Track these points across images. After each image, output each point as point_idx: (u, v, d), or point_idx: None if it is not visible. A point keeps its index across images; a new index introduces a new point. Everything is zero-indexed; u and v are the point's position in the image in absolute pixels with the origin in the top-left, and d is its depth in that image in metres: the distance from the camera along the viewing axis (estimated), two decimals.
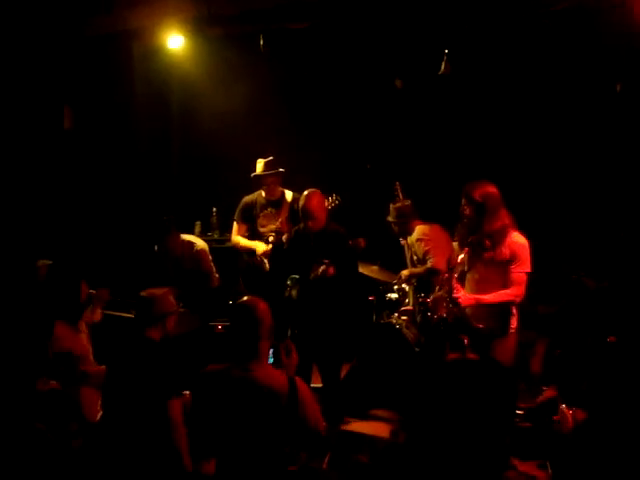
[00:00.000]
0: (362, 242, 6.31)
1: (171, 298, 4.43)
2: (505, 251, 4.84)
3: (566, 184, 6.98)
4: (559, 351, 5.85)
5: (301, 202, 5.73)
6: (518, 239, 4.88)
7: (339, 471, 4.39)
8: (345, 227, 5.96)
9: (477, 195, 4.85)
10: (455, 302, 4.87)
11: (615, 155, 6.87)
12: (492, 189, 4.89)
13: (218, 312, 6.58)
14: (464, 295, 4.87)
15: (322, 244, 5.71)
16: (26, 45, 6.54)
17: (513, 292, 4.85)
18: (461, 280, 5.09)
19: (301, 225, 5.83)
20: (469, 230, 4.95)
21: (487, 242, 4.84)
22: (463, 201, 4.94)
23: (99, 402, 4.47)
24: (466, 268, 4.98)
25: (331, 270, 5.61)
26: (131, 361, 4.17)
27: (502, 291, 4.86)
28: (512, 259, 4.83)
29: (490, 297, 4.87)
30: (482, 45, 6.93)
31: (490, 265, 4.89)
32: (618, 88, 6.81)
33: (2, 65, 6.43)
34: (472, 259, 4.97)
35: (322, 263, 5.60)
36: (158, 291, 4.41)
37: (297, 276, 5.79)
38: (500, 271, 4.86)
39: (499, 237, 4.84)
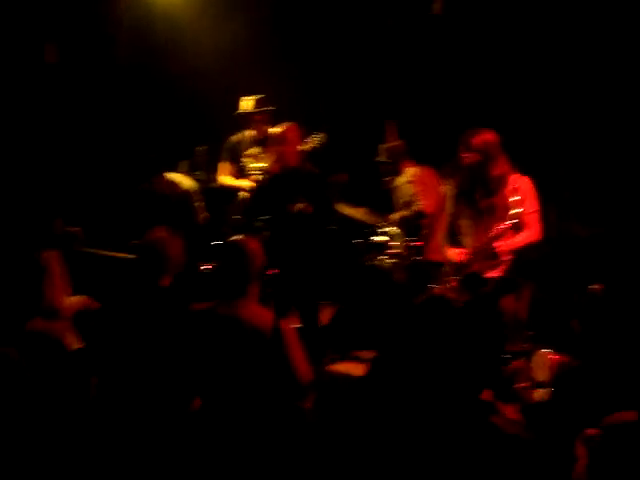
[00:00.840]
0: (344, 177, 6.24)
1: (176, 240, 4.25)
2: (508, 195, 4.75)
3: (561, 126, 6.90)
4: (544, 296, 5.86)
5: (276, 129, 5.82)
6: (520, 181, 4.81)
7: (323, 410, 4.41)
8: (333, 166, 5.92)
9: (477, 143, 4.78)
10: (495, 254, 4.77)
11: (611, 100, 6.77)
12: (492, 136, 4.82)
13: (205, 253, 6.55)
14: (500, 244, 4.76)
15: (296, 183, 5.68)
16: None
17: (533, 232, 4.80)
18: (451, 229, 5.06)
19: (279, 165, 5.80)
20: (470, 179, 4.88)
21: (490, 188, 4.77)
22: (462, 149, 4.86)
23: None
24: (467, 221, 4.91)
25: (308, 208, 5.59)
26: (154, 318, 3.96)
27: (525, 233, 4.79)
28: (518, 202, 4.72)
29: (519, 241, 4.79)
30: None
31: (491, 211, 4.83)
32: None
33: None
34: (469, 208, 4.93)
35: (297, 201, 5.57)
36: (161, 236, 4.19)
37: (267, 216, 5.73)
38: (501, 217, 4.77)
39: (500, 183, 4.78)
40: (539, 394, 3.94)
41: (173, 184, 6.20)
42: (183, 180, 6.39)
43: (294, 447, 3.65)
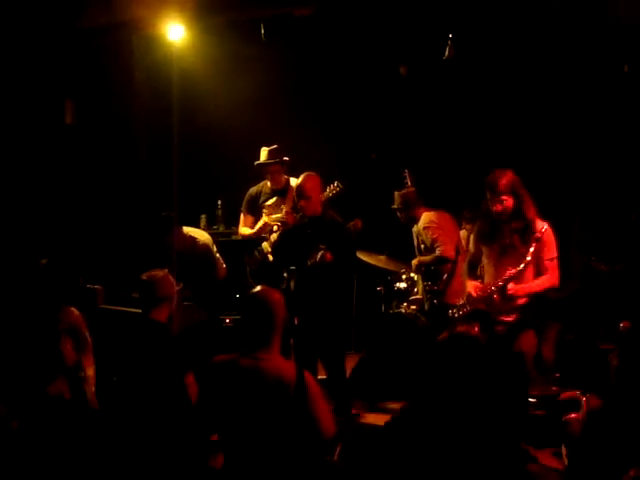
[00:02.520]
0: (359, 223, 6.23)
1: (171, 278, 4.49)
2: (530, 239, 4.73)
3: (576, 168, 6.89)
4: (571, 337, 5.77)
5: (297, 182, 5.77)
6: (543, 226, 4.79)
7: (350, 463, 4.32)
8: (351, 216, 5.90)
9: (507, 184, 4.73)
10: (508, 296, 4.74)
11: (624, 137, 6.77)
12: (515, 176, 4.79)
13: (226, 306, 6.54)
14: (515, 287, 4.74)
15: (319, 232, 5.66)
16: (24, 39, 6.48)
17: (552, 278, 4.79)
18: (472, 270, 5.02)
19: (304, 218, 5.79)
20: (493, 221, 4.84)
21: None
22: (490, 196, 4.79)
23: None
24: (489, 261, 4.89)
25: (328, 256, 5.55)
26: (140, 344, 4.18)
27: (543, 277, 4.79)
28: (540, 247, 4.73)
29: (536, 285, 4.78)
30: (487, 28, 6.83)
31: (512, 254, 4.80)
32: (626, 69, 6.71)
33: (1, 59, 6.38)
34: (490, 249, 4.90)
35: (319, 249, 5.55)
36: (159, 272, 4.45)
37: (293, 267, 5.74)
38: (519, 258, 4.76)
39: (529, 226, 4.75)
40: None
41: (192, 239, 6.22)
42: (200, 234, 6.41)
43: None
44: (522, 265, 4.69)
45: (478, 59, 7.13)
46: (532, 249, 4.68)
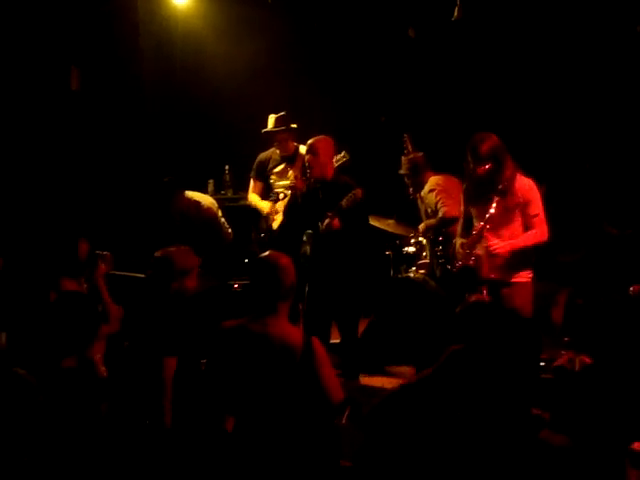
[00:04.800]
0: (359, 192, 6.20)
1: (191, 254, 4.39)
2: (516, 195, 4.78)
3: (588, 130, 6.81)
4: (580, 301, 5.76)
5: (309, 141, 5.77)
6: (525, 182, 4.84)
7: (359, 426, 4.35)
8: (358, 181, 5.86)
9: (487, 151, 4.75)
10: (493, 254, 4.78)
11: (637, 98, 6.68)
12: (497, 140, 4.81)
13: (235, 271, 6.54)
14: (498, 243, 4.79)
15: (331, 197, 5.63)
16: (28, 4, 6.41)
17: (539, 233, 4.81)
18: (466, 230, 5.04)
19: (311, 179, 5.76)
20: (480, 184, 4.85)
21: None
22: (470, 159, 4.84)
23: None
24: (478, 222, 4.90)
25: (336, 222, 5.54)
26: (141, 317, 4.19)
27: (529, 233, 4.82)
28: (524, 202, 4.79)
29: (521, 240, 4.81)
30: None
31: (503, 213, 4.82)
32: (639, 29, 6.60)
33: (6, 26, 6.32)
34: (479, 211, 4.92)
35: (326, 217, 5.54)
36: (175, 248, 4.37)
37: (311, 231, 5.73)
38: (510, 217, 4.82)
39: (510, 184, 4.78)
40: None
41: (196, 203, 6.21)
42: (204, 198, 6.39)
43: (329, 465, 3.59)
44: (486, 216, 4.76)
45: (487, 20, 7.03)
46: (494, 204, 4.73)
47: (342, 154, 6.02)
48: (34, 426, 3.13)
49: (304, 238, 5.81)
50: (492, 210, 4.77)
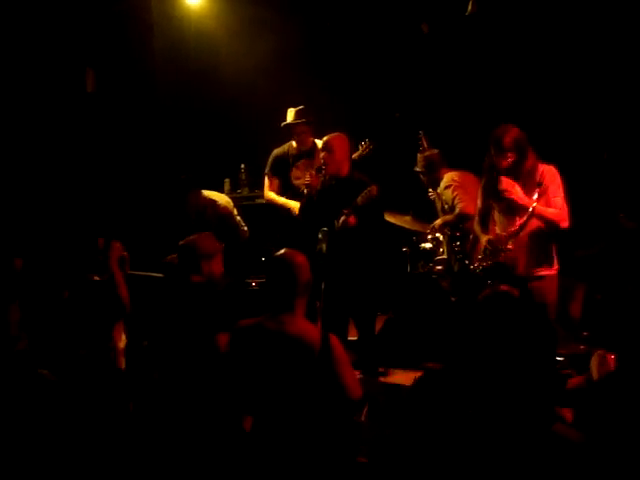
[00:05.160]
0: (374, 189, 6.19)
1: (213, 239, 4.49)
2: (536, 182, 4.77)
3: (605, 122, 6.76)
4: (599, 296, 5.72)
5: (324, 138, 5.78)
6: (547, 168, 4.83)
7: (377, 423, 4.35)
8: (374, 177, 5.86)
9: (510, 142, 4.75)
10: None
11: None
12: (519, 132, 4.80)
13: (252, 269, 6.55)
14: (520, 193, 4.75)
15: (346, 194, 5.64)
16: (45, 7, 6.46)
17: (559, 214, 4.78)
18: (484, 225, 5.03)
19: (326, 175, 5.77)
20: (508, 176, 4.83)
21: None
22: (493, 151, 4.82)
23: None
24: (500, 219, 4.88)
25: (351, 219, 5.55)
26: (178, 305, 4.20)
27: (553, 210, 4.78)
28: (545, 188, 4.75)
29: (545, 210, 4.76)
30: None
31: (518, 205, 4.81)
32: None
33: (23, 29, 6.38)
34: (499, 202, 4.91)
35: (342, 214, 5.54)
36: (196, 235, 4.47)
37: (326, 229, 5.74)
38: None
39: (530, 176, 4.79)
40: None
41: (212, 202, 6.22)
42: (220, 197, 6.41)
43: (348, 461, 3.60)
44: (530, 209, 4.72)
45: (501, 14, 6.99)
46: (535, 196, 4.71)
47: (367, 142, 6.02)
48: (56, 425, 3.17)
49: (319, 236, 5.82)
50: (534, 204, 4.71)
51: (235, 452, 3.66)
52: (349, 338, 5.81)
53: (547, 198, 4.78)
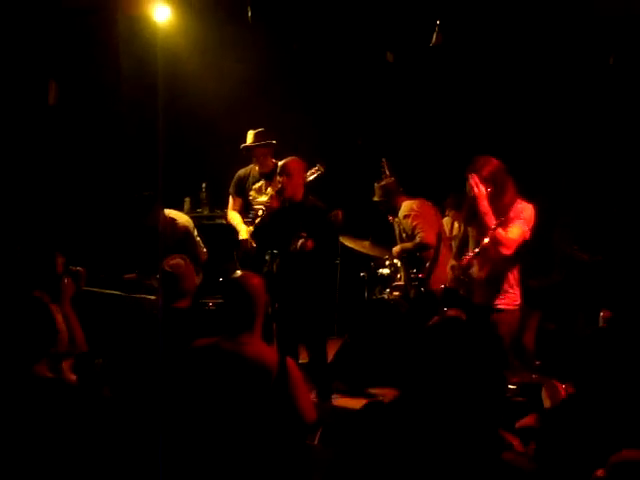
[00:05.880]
0: (340, 214, 6.24)
1: (192, 268, 4.56)
2: (510, 217, 4.74)
3: (559, 158, 6.91)
4: (552, 326, 5.81)
5: (280, 163, 5.84)
6: (523, 206, 4.78)
7: (330, 447, 4.35)
8: (336, 202, 5.91)
9: (487, 174, 4.72)
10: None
11: (609, 129, 6.80)
12: (498, 163, 4.78)
13: (209, 289, 6.52)
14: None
15: (301, 218, 5.71)
16: (7, 18, 6.40)
17: (508, 239, 4.68)
18: (460, 254, 5.05)
19: (280, 197, 5.81)
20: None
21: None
22: (471, 180, 4.76)
23: None
24: (472, 248, 4.91)
25: (309, 243, 5.60)
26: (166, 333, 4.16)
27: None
28: (507, 220, 4.71)
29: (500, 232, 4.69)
30: (474, 15, 6.82)
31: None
32: (611, 60, 6.72)
33: None
34: (477, 234, 4.90)
35: (300, 237, 5.58)
36: (181, 263, 4.48)
37: (276, 251, 5.76)
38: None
39: (507, 210, 4.74)
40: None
41: (172, 220, 6.19)
42: (180, 216, 6.38)
43: None
44: (480, 246, 4.73)
45: (465, 46, 7.12)
46: (487, 238, 4.68)
47: (317, 167, 6.08)
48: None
49: (267, 257, 5.85)
50: (486, 241, 4.71)
51: (187, 473, 3.62)
52: (300, 361, 5.81)
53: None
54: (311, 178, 6.02)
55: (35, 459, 3.16)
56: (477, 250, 4.78)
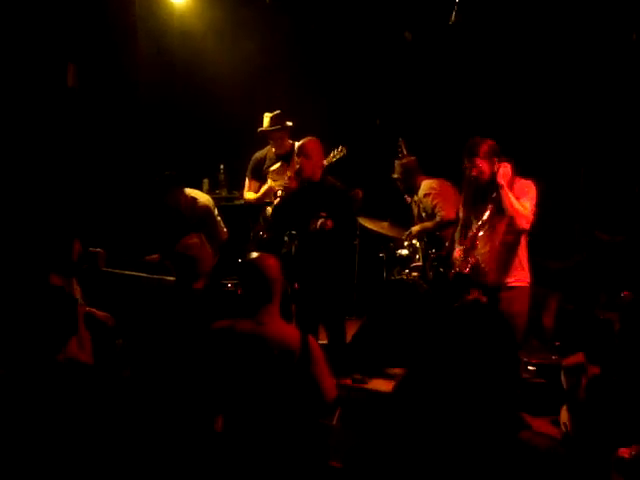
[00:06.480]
0: (359, 193, 6.21)
1: (208, 248, 4.57)
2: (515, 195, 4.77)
3: (580, 138, 6.84)
4: (572, 306, 5.79)
5: (298, 144, 5.84)
6: (523, 182, 4.83)
7: (349, 427, 4.37)
8: (355, 182, 5.90)
9: (483, 153, 4.77)
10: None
11: (632, 107, 6.71)
12: (491, 142, 4.83)
13: (228, 270, 6.54)
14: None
15: (319, 198, 5.70)
16: (24, 1, 6.41)
17: (525, 212, 4.72)
18: (464, 237, 5.05)
19: (302, 179, 5.80)
20: (481, 189, 4.86)
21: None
22: (467, 161, 4.84)
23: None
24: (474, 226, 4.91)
25: (329, 223, 5.60)
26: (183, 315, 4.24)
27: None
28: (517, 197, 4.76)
29: (516, 204, 4.72)
30: None
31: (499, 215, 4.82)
32: (634, 37, 6.63)
33: (2, 22, 6.31)
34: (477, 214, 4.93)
35: (320, 217, 5.58)
36: (196, 242, 4.49)
37: (294, 232, 5.76)
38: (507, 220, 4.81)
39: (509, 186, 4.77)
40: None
41: (192, 199, 6.21)
42: (201, 195, 6.40)
43: (319, 465, 3.60)
44: (479, 223, 4.80)
45: (484, 25, 7.04)
46: (488, 212, 4.77)
47: (340, 149, 6.06)
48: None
49: (285, 239, 5.86)
50: (485, 217, 4.79)
51: (206, 453, 3.65)
52: (320, 341, 5.83)
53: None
54: (333, 160, 6.01)
55: (55, 444, 3.19)
56: (479, 225, 4.81)
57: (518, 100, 7.05)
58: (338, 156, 6.04)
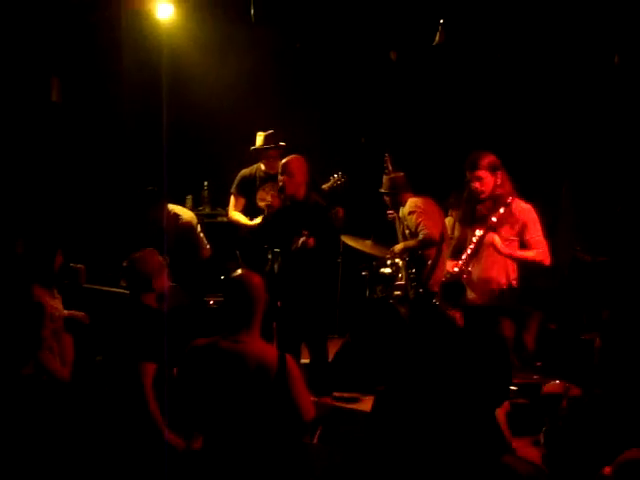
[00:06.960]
0: (340, 212, 6.22)
1: (153, 256, 4.42)
2: (513, 223, 4.78)
3: (561, 158, 6.90)
4: (553, 326, 5.80)
5: (281, 162, 5.85)
6: (523, 206, 4.84)
7: (330, 446, 4.34)
8: (339, 200, 5.91)
9: (484, 166, 4.80)
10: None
11: (612, 128, 6.78)
12: (493, 156, 4.86)
13: (211, 287, 6.51)
14: (500, 243, 4.75)
15: (302, 216, 5.71)
16: (10, 15, 6.39)
17: (539, 254, 4.78)
18: (456, 254, 5.05)
19: (284, 197, 5.81)
20: (475, 201, 4.89)
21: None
22: (469, 174, 4.84)
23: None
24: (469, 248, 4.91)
25: (311, 241, 5.61)
26: (122, 326, 4.21)
27: (533, 250, 4.79)
28: (521, 227, 4.78)
29: (520, 252, 4.78)
30: (477, 13, 6.80)
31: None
32: (617, 59, 6.70)
33: None
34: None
35: (302, 235, 5.59)
36: (137, 253, 4.41)
37: (278, 250, 5.75)
38: (511, 245, 4.82)
39: (503, 202, 4.78)
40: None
41: (175, 215, 6.17)
42: (184, 212, 6.36)
43: None
44: (474, 240, 4.78)
45: (468, 45, 7.10)
46: (478, 232, 4.77)
47: (339, 174, 6.09)
48: None
49: (269, 256, 5.85)
50: (478, 237, 4.78)
51: (184, 471, 3.61)
52: (302, 361, 5.81)
53: (525, 238, 4.79)
54: (334, 186, 6.05)
55: (32, 457, 3.16)
56: (471, 249, 4.81)
57: (501, 118, 7.12)
58: (337, 182, 6.07)
